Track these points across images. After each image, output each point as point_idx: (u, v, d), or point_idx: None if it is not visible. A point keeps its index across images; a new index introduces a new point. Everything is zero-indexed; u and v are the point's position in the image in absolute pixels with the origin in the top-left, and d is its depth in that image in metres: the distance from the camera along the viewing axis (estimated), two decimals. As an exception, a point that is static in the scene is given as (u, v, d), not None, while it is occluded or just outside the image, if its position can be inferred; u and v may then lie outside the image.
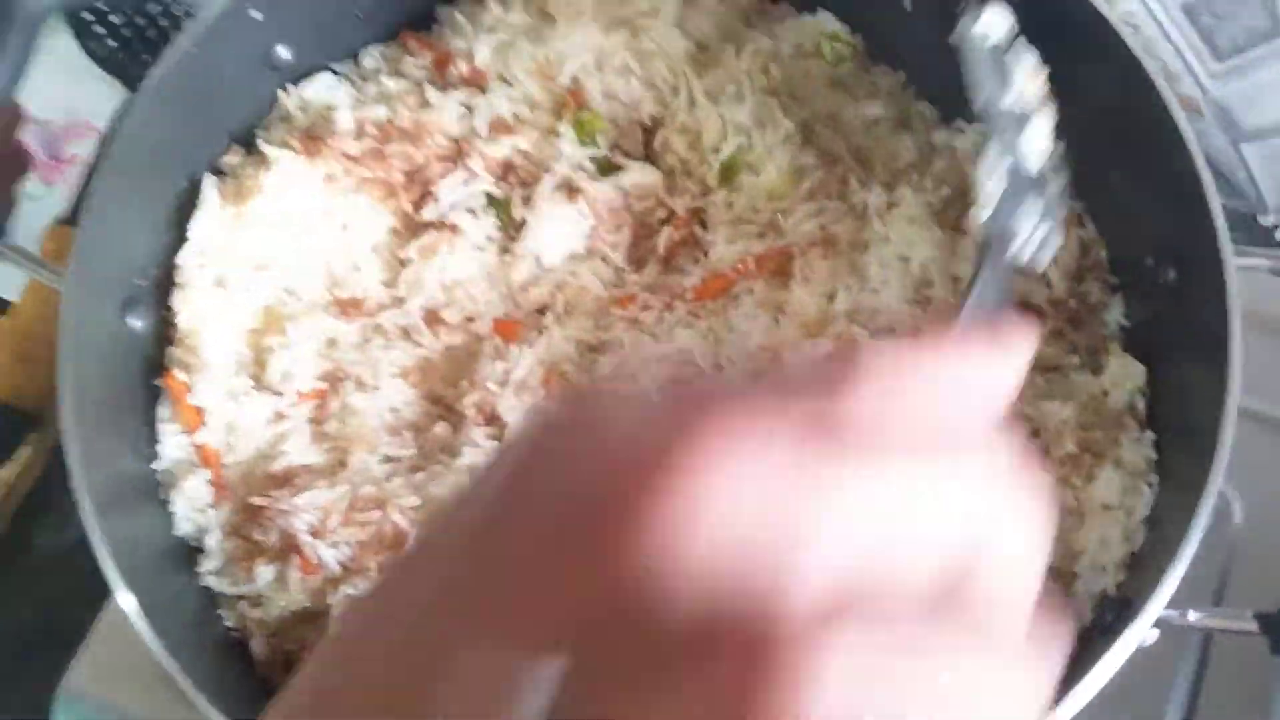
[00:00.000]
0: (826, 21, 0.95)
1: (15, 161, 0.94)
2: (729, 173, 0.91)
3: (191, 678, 0.70)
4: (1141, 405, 0.81)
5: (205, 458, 0.86)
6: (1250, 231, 1.19)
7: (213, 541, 0.84)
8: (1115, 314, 0.85)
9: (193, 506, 0.86)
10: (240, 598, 0.84)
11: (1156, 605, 0.64)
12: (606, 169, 0.92)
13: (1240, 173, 1.19)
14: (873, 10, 0.93)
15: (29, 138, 1.12)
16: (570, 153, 0.90)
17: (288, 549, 0.82)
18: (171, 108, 0.84)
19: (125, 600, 0.72)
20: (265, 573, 0.82)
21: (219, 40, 0.84)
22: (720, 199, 0.91)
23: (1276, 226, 1.19)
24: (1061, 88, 0.83)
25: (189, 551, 0.86)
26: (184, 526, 0.86)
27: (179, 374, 0.87)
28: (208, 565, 0.84)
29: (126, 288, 0.85)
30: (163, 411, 0.87)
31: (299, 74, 0.95)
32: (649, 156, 0.94)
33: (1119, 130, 0.80)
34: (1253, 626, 0.64)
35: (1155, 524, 0.75)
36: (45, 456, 1.15)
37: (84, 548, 1.12)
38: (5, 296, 1.16)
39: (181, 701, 0.89)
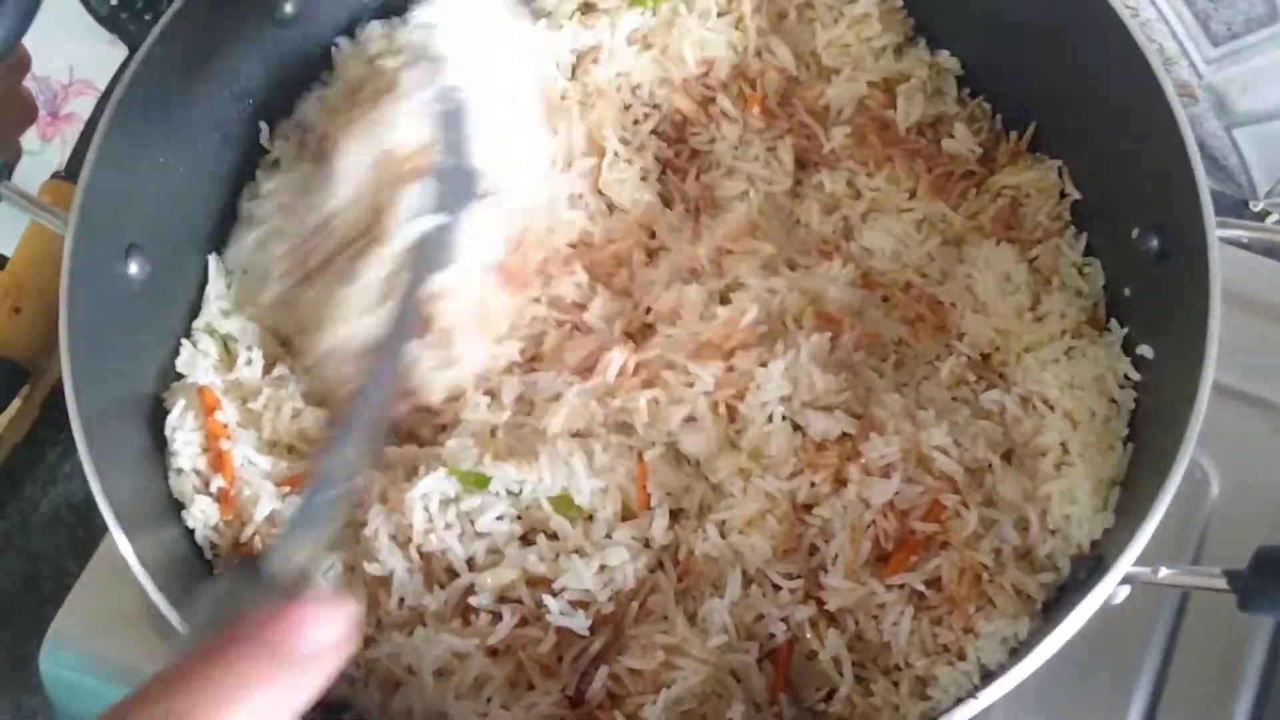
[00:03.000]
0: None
1: (22, 108, 0.93)
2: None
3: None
4: (1124, 371, 0.82)
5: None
6: (1240, 215, 1.20)
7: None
8: (1097, 283, 0.87)
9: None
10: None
11: (1125, 561, 0.66)
12: None
13: (1232, 157, 1.20)
14: None
15: (28, 93, 1.11)
16: None
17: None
18: (173, 64, 0.84)
19: (121, 544, 0.72)
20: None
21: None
22: None
23: (1267, 212, 1.20)
24: (1063, 61, 0.85)
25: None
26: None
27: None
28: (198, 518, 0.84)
29: (127, 235, 0.85)
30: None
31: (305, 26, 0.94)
32: None
33: (1117, 109, 0.82)
34: (1221, 583, 0.65)
35: (1131, 486, 0.77)
36: (35, 410, 1.15)
37: (70, 503, 1.14)
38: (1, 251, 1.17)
39: (164, 647, 0.91)
